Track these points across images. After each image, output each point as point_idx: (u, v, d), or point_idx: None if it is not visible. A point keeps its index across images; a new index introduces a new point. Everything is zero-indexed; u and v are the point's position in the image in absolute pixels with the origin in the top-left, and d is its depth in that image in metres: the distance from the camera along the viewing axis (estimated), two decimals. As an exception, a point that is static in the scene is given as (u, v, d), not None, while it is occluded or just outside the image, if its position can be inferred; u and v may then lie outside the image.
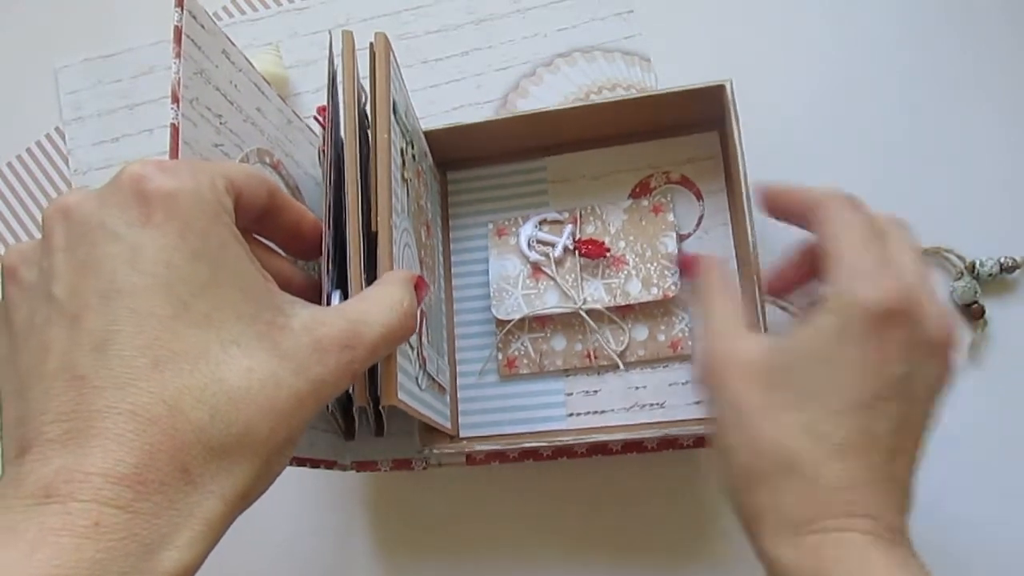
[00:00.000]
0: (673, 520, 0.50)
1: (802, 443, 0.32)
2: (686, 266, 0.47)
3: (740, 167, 0.45)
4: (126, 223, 0.25)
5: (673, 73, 0.57)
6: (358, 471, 0.46)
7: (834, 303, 0.33)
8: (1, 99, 0.59)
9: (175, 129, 0.32)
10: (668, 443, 0.47)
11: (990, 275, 0.50)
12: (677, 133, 0.51)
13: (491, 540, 0.50)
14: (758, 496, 0.33)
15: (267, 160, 0.40)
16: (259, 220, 0.30)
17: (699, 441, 0.47)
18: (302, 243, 0.33)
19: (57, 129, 0.58)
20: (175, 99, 0.32)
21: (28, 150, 0.57)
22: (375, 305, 0.29)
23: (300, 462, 0.40)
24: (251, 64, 0.40)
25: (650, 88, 0.56)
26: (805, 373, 0.33)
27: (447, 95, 0.57)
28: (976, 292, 0.50)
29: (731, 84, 0.46)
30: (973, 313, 0.51)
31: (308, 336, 0.27)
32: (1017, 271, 0.51)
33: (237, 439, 0.24)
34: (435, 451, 0.45)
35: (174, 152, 0.32)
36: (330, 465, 0.44)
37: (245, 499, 0.25)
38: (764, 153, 0.49)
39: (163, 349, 0.24)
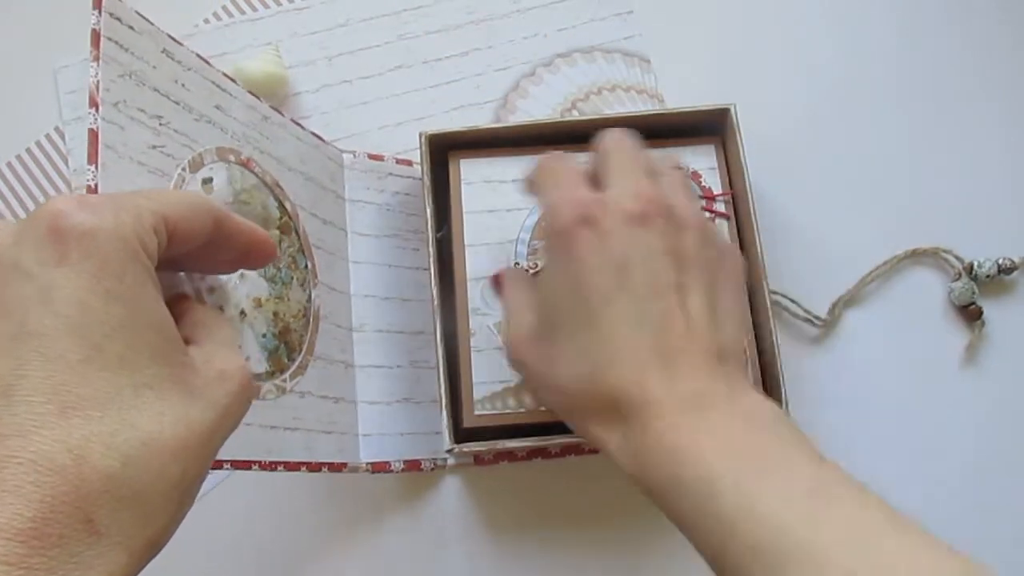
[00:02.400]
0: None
1: (581, 368, 0.34)
2: (496, 283, 0.48)
3: (745, 181, 0.46)
4: (39, 262, 0.24)
5: (673, 74, 0.57)
6: (373, 472, 0.46)
7: (542, 244, 0.39)
8: (1, 99, 0.59)
9: (93, 134, 0.31)
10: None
11: (988, 276, 0.51)
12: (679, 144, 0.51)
13: (500, 539, 0.50)
14: (592, 430, 0.35)
15: (231, 158, 0.40)
16: (205, 247, 0.29)
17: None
18: (253, 261, 0.33)
19: (57, 129, 0.57)
20: (93, 103, 0.32)
21: (28, 150, 0.57)
22: (226, 333, 0.30)
23: (292, 467, 0.40)
24: (206, 62, 0.39)
25: (655, 107, 0.56)
26: (547, 311, 0.36)
27: (447, 95, 0.57)
28: (974, 293, 0.51)
29: (735, 108, 0.48)
30: (971, 314, 0.51)
31: (212, 369, 0.27)
32: (1015, 272, 0.51)
33: (151, 485, 0.24)
34: (464, 449, 0.45)
35: (92, 157, 0.31)
36: (337, 468, 0.43)
37: (154, 546, 0.25)
38: (763, 152, 0.49)
39: (71, 395, 0.23)
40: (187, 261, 0.30)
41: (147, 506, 0.24)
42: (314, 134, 0.48)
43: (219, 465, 0.35)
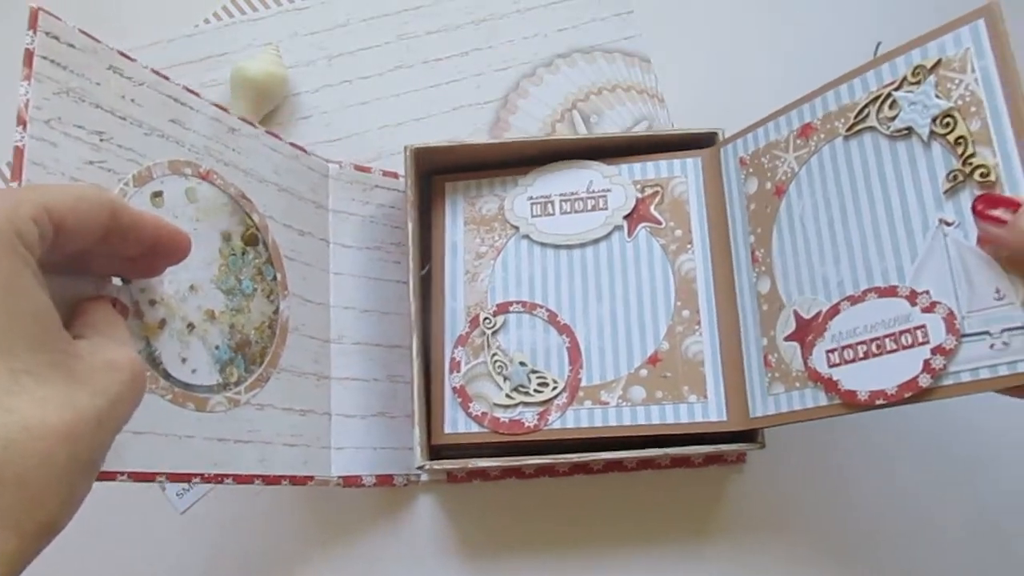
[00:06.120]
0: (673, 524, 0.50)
1: None
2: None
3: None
4: None
5: (673, 74, 0.56)
6: (345, 486, 0.46)
7: None
8: (0, 99, 0.59)
9: (18, 151, 0.32)
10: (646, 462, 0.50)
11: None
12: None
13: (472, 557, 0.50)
14: None
15: (187, 171, 0.39)
16: (105, 240, 0.29)
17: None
18: (165, 255, 0.32)
19: (57, 129, 0.58)
20: (21, 122, 0.32)
21: (29, 150, 0.57)
22: (120, 332, 0.30)
23: (243, 480, 0.39)
24: (163, 77, 0.39)
25: (651, 129, 0.55)
26: None
27: (447, 95, 0.57)
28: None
29: (723, 134, 0.48)
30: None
31: (99, 360, 0.27)
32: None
33: (36, 469, 0.24)
34: (435, 466, 0.44)
35: (16, 174, 0.31)
36: (301, 481, 0.43)
37: (49, 530, 0.24)
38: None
39: None
40: (93, 259, 0.30)
41: (33, 489, 0.24)
42: (294, 145, 0.48)
43: (151, 478, 0.35)
